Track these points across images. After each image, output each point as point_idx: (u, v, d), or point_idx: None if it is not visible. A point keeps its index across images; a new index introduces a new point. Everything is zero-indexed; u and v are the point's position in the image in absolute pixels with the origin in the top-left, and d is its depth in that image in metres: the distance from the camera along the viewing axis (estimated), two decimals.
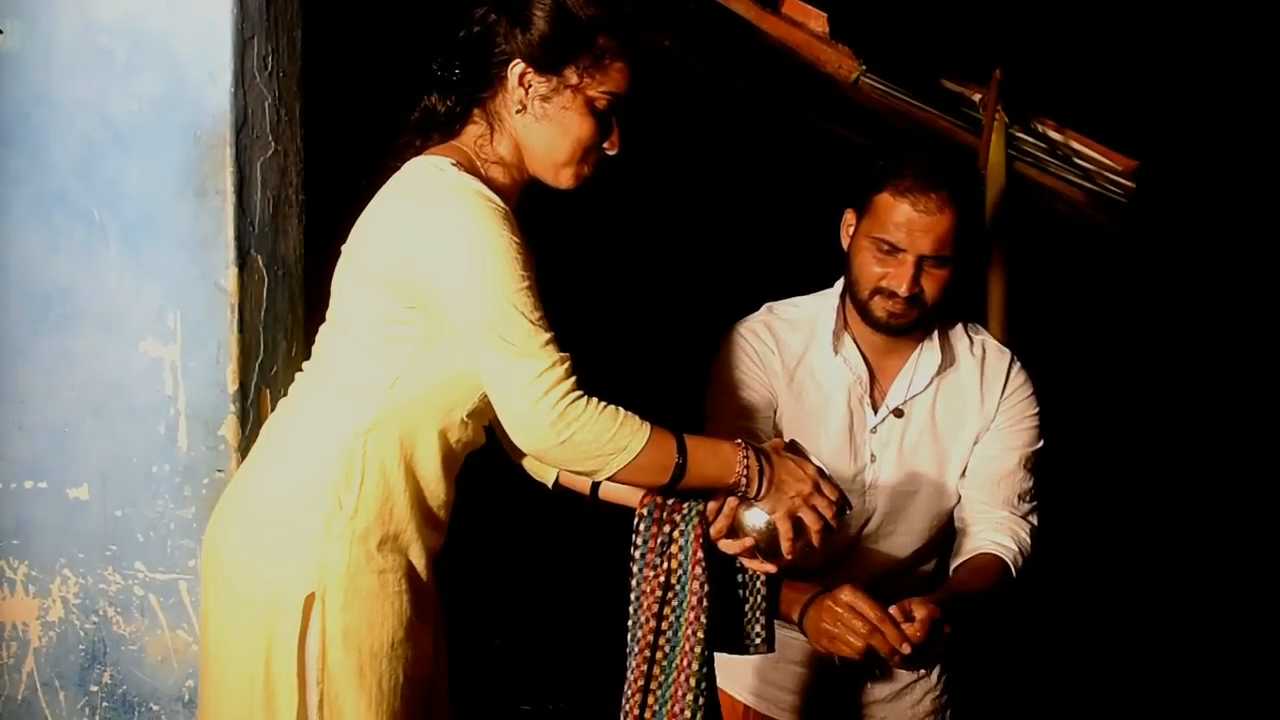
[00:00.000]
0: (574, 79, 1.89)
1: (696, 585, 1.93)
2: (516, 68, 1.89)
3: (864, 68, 3.07)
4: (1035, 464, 2.36)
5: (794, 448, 1.98)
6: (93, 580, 2.34)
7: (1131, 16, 4.30)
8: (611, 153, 1.96)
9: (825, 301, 2.37)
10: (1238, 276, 4.49)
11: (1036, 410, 2.37)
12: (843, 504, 1.94)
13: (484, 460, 2.12)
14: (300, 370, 2.06)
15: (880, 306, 2.23)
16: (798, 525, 1.91)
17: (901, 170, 2.18)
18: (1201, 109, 4.39)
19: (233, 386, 2.30)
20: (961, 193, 2.19)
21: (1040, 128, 3.22)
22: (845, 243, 2.29)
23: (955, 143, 3.14)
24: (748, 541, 1.92)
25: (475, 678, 2.06)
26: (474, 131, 1.94)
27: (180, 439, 2.31)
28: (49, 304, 2.31)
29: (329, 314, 2.01)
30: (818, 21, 3.09)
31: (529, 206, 2.00)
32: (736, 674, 2.38)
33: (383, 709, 1.90)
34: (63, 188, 2.29)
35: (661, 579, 1.94)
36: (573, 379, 1.80)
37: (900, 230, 2.17)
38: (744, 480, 1.89)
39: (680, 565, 1.94)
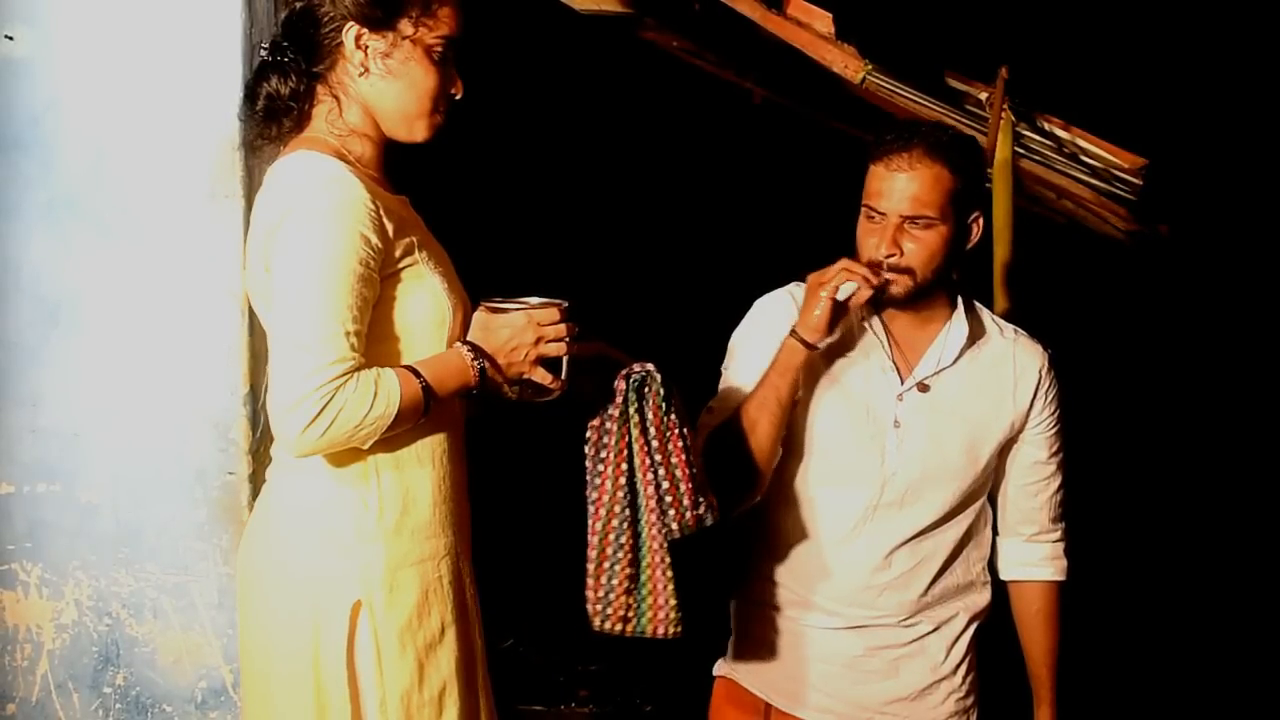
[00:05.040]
0: (409, 30, 1.89)
1: (650, 477, 2.00)
2: (350, 31, 1.88)
3: (870, 67, 3.06)
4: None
5: (493, 306, 1.94)
6: (105, 582, 2.35)
7: (1138, 13, 4.29)
8: (458, 97, 1.96)
9: None
10: (1247, 274, 4.48)
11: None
12: (566, 311, 1.94)
13: (488, 461, 2.12)
14: None
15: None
16: (550, 364, 1.93)
17: (883, 139, 2.21)
18: (1210, 106, 4.37)
19: (243, 389, 2.31)
20: (943, 151, 2.18)
21: (1047, 125, 3.22)
22: None
23: None
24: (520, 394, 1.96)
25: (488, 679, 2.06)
26: (322, 110, 1.93)
27: (191, 441, 2.32)
28: (60, 308, 2.32)
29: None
30: (823, 22, 3.09)
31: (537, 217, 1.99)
32: (759, 672, 2.38)
33: (449, 697, 1.91)
34: (74, 192, 2.30)
35: (609, 479, 2.00)
36: (336, 382, 1.76)
37: (879, 195, 2.18)
38: (476, 375, 1.89)
39: (625, 463, 2.01)
